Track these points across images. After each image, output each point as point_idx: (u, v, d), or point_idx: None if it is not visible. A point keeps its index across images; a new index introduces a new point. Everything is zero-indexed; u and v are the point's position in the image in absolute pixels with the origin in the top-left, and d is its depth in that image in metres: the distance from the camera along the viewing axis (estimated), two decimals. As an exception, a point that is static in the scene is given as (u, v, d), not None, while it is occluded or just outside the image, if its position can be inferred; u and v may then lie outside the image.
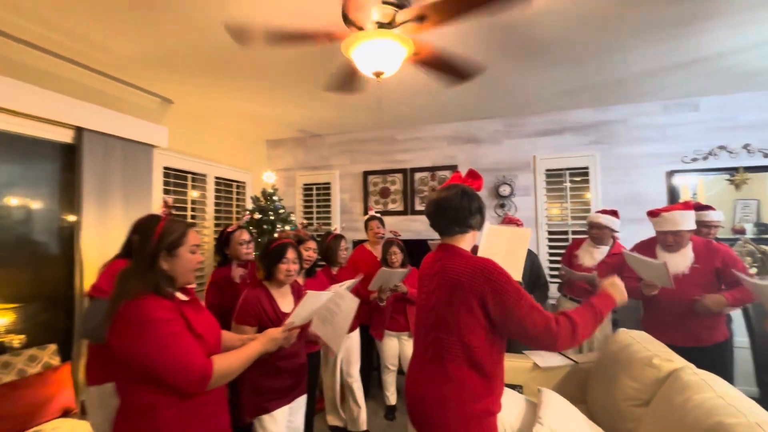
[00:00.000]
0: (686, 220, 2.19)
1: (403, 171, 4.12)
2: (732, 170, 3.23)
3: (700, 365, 1.47)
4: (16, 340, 2.23)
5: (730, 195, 3.39)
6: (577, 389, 2.00)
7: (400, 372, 3.05)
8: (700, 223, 2.60)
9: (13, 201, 2.34)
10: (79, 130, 2.46)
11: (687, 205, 2.27)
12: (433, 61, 1.90)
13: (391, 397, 2.96)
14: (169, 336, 1.08)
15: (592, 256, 2.66)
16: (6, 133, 2.20)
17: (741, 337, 2.66)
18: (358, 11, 1.55)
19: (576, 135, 3.63)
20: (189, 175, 3.51)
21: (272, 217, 3.38)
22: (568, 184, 3.65)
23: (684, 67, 2.71)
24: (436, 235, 1.43)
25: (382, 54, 1.61)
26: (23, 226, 2.39)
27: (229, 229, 2.50)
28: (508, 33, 2.16)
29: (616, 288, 1.31)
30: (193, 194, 3.59)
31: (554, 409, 1.45)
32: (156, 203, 2.98)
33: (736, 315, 2.64)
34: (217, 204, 3.87)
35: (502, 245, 1.66)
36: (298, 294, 1.90)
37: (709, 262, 2.20)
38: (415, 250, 3.08)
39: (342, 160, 4.37)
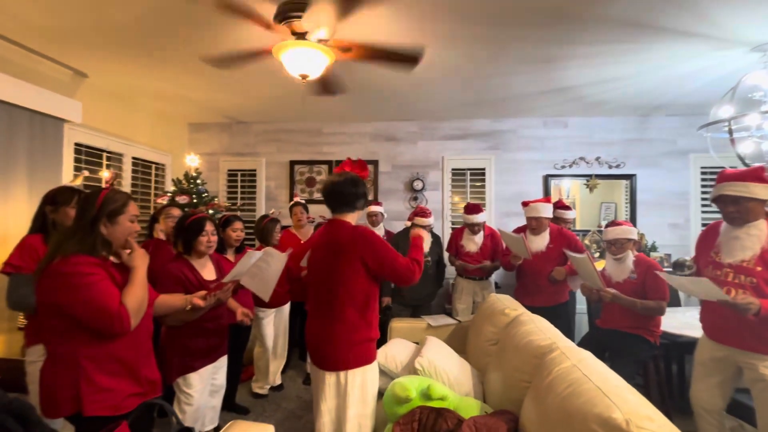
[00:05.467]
0: (545, 210, 2.88)
1: (328, 162, 4.41)
2: (588, 176, 4.13)
3: (549, 319, 1.99)
4: None
5: (597, 198, 4.29)
6: (460, 342, 2.52)
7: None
8: (560, 219, 3.34)
9: None
10: (-22, 98, 2.32)
11: (547, 200, 2.99)
12: (371, 54, 2.19)
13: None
14: (90, 283, 1.20)
15: (474, 242, 3.25)
16: None
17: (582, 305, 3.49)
18: (274, 30, 1.80)
19: (476, 141, 4.28)
20: (104, 154, 3.39)
21: (195, 200, 3.43)
22: (468, 182, 4.29)
23: (555, 93, 3.44)
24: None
25: (303, 60, 1.90)
26: None
27: (159, 200, 2.61)
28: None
29: (416, 232, 1.79)
30: (105, 174, 3.46)
31: (433, 348, 1.90)
32: (66, 180, 2.87)
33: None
34: (134, 185, 3.76)
35: None
36: (218, 264, 2.10)
37: (559, 244, 2.90)
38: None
39: (269, 148, 4.50)
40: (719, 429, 1.89)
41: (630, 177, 4.08)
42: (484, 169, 4.25)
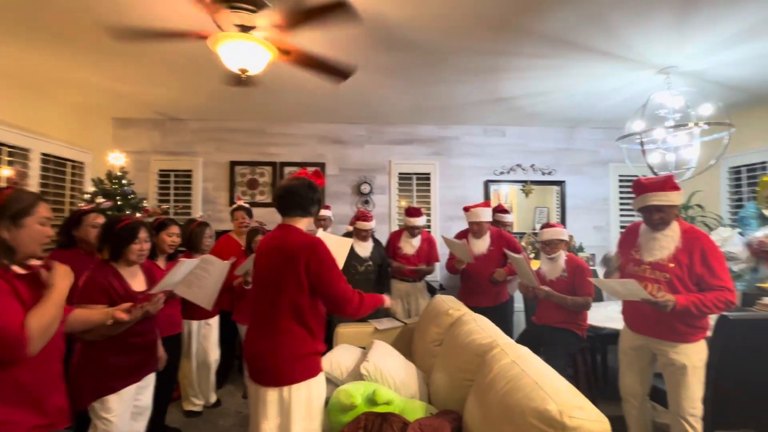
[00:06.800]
0: (485, 214, 3.01)
1: (272, 164, 4.24)
2: (524, 182, 4.41)
3: (490, 316, 2.06)
4: None
5: (532, 203, 4.56)
6: (406, 344, 2.53)
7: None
8: (500, 222, 3.51)
9: None
10: None
11: (486, 204, 3.12)
12: (306, 61, 2.16)
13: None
14: None
15: (411, 245, 3.31)
16: None
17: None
18: (215, 15, 1.71)
19: (422, 146, 4.38)
20: (4, 148, 2.94)
21: (120, 203, 3.11)
22: (415, 186, 4.37)
23: (494, 102, 3.63)
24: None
25: (244, 54, 1.80)
26: None
27: (85, 208, 2.28)
28: (370, 53, 2.58)
29: (387, 298, 1.77)
30: (5, 171, 3.01)
31: (379, 352, 1.88)
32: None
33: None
34: (44, 186, 3.31)
35: (331, 247, 2.02)
36: (149, 274, 1.91)
37: (499, 246, 3.05)
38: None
39: (206, 147, 4.23)
40: (641, 412, 2.09)
41: (560, 183, 4.43)
42: (429, 173, 4.36)
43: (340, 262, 1.93)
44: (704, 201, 4.06)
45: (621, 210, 4.44)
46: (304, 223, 1.62)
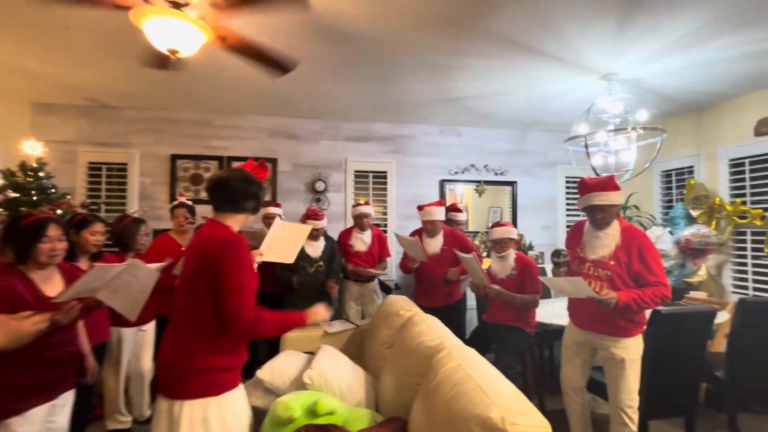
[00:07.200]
0: (438, 213, 3.00)
1: (219, 158, 3.98)
2: (478, 182, 4.48)
3: (443, 316, 2.03)
4: None
5: (486, 203, 4.63)
6: (357, 347, 2.45)
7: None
8: (453, 221, 3.52)
9: None
10: None
11: (440, 203, 3.11)
12: (244, 49, 1.99)
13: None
14: None
15: (362, 241, 3.25)
16: None
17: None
18: None
19: (379, 144, 4.31)
20: None
21: (36, 197, 2.75)
22: (371, 185, 4.30)
23: (448, 102, 3.63)
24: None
25: (174, 33, 1.62)
26: None
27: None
28: (320, 44, 2.45)
29: (314, 314, 1.47)
30: None
31: (325, 358, 1.78)
32: None
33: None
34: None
35: (285, 237, 1.91)
36: (69, 276, 1.67)
37: (453, 245, 3.04)
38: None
39: (144, 139, 3.88)
40: (581, 405, 2.15)
41: (512, 184, 4.55)
42: (386, 172, 4.30)
43: (295, 251, 1.86)
44: (640, 202, 4.35)
45: (567, 210, 4.65)
46: (237, 220, 1.45)
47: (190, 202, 3.11)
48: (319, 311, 1.46)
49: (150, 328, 2.61)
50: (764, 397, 2.36)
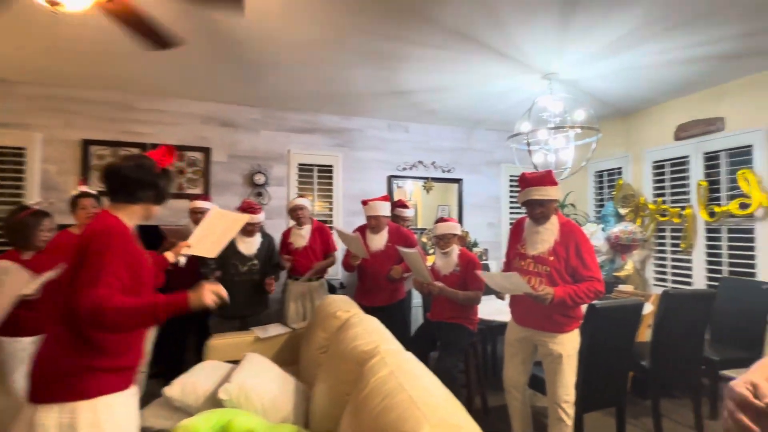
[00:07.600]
0: (383, 209, 2.86)
1: (141, 145, 3.53)
2: (425, 179, 4.43)
3: (386, 316, 1.91)
4: None
5: (434, 200, 4.59)
6: (292, 352, 2.25)
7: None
8: (399, 218, 3.43)
9: None
10: None
11: (385, 198, 2.98)
12: (126, 17, 1.72)
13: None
14: None
15: (301, 236, 3.07)
16: None
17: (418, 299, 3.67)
18: None
19: (324, 136, 4.11)
20: None
21: None
22: (316, 179, 4.08)
23: (395, 96, 3.53)
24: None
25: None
26: None
27: None
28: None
29: (197, 297, 1.15)
30: None
31: (248, 369, 1.57)
32: None
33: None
34: None
35: (219, 226, 1.78)
36: None
37: (397, 242, 2.93)
38: (148, 236, 2.68)
39: (48, 120, 3.34)
40: (522, 402, 2.14)
41: (459, 181, 4.56)
42: (332, 166, 4.11)
43: (220, 246, 1.76)
44: (576, 200, 4.57)
45: (511, 208, 4.76)
46: (132, 211, 1.27)
47: (95, 192, 2.69)
48: (205, 294, 1.14)
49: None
50: (684, 383, 2.52)
